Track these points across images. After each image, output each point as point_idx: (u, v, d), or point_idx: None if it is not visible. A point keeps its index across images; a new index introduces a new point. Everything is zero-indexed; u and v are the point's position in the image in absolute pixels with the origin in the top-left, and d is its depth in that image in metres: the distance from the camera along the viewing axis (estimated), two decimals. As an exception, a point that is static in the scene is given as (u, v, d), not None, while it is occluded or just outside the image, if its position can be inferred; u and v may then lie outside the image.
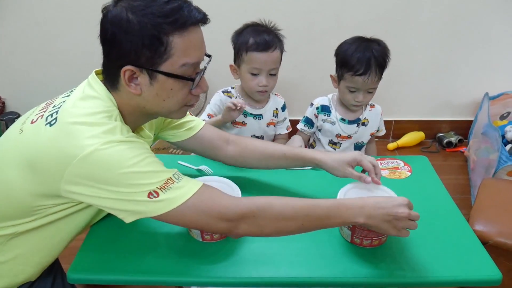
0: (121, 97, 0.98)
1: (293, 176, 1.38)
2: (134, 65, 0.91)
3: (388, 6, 2.45)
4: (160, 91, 0.96)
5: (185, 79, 0.96)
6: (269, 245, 1.09)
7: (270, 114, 1.64)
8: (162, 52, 0.91)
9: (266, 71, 1.48)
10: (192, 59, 0.95)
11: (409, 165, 1.43)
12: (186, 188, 0.92)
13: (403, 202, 0.97)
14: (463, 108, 2.85)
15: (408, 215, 0.95)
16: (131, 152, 0.90)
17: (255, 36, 1.45)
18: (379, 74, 1.50)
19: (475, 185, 2.30)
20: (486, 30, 2.54)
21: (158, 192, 0.89)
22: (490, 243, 1.41)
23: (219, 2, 2.43)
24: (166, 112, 1.03)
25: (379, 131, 1.73)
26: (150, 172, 0.90)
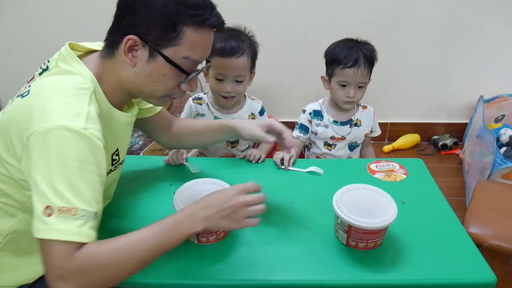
0: (114, 65, 0.98)
1: (289, 179, 1.38)
2: (140, 38, 0.92)
3: (383, 9, 2.46)
4: (154, 72, 0.96)
5: (181, 70, 0.97)
6: (264, 248, 1.09)
7: (244, 118, 1.61)
8: (171, 37, 0.92)
9: (231, 78, 1.46)
10: (195, 56, 0.97)
11: (405, 168, 1.43)
12: (79, 230, 0.81)
13: (235, 191, 0.93)
14: (458, 110, 2.87)
15: (243, 203, 0.92)
16: (75, 154, 0.83)
17: (222, 41, 1.42)
18: (368, 68, 1.53)
19: (470, 188, 2.31)
20: (481, 33, 2.56)
21: (53, 212, 0.80)
22: (484, 245, 1.41)
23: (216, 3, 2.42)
24: (148, 95, 1.03)
25: (373, 132, 1.74)
26: (71, 186, 0.82)
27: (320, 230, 1.14)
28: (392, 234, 1.12)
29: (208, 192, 1.12)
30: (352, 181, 1.17)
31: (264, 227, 1.16)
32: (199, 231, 0.91)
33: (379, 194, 1.12)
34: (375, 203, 1.10)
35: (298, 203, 1.26)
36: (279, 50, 2.53)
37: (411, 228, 1.15)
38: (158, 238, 0.88)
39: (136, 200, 1.26)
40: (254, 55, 1.49)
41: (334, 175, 1.41)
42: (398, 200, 1.16)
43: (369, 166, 1.44)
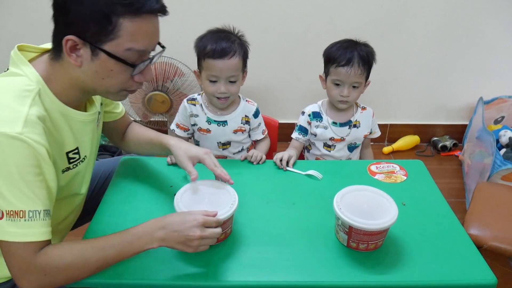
0: (62, 67, 0.96)
1: (289, 180, 1.39)
2: (79, 37, 0.90)
3: (383, 10, 2.47)
4: (100, 69, 0.94)
5: (126, 63, 0.95)
6: (265, 249, 1.09)
7: (237, 120, 1.60)
8: (108, 31, 0.89)
9: (224, 79, 1.45)
10: (139, 46, 0.94)
11: (405, 169, 1.43)
12: (29, 231, 0.87)
13: (196, 223, 0.96)
14: (458, 112, 2.87)
15: (199, 237, 0.95)
16: (13, 159, 0.85)
17: (212, 43, 1.42)
18: (363, 67, 1.52)
19: (470, 189, 2.31)
20: (481, 35, 2.56)
21: (3, 216, 0.85)
22: (485, 247, 1.41)
23: (213, 5, 2.43)
24: (104, 91, 1.02)
25: (373, 133, 1.74)
26: (15, 190, 0.86)
27: (320, 232, 1.14)
28: (393, 235, 1.12)
29: (208, 193, 1.14)
30: (353, 183, 1.17)
31: (265, 228, 1.16)
32: (155, 247, 0.97)
33: (379, 196, 1.12)
34: (376, 205, 1.10)
35: (299, 204, 1.26)
36: (278, 51, 2.53)
37: (411, 229, 1.15)
38: (115, 250, 0.96)
39: (137, 202, 1.26)
40: (245, 54, 1.49)
41: (334, 176, 1.41)
42: (399, 201, 1.16)
43: (369, 168, 1.44)
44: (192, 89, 2.44)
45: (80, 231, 1.45)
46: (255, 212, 1.22)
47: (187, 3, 2.43)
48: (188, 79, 2.42)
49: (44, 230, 0.90)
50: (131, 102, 2.48)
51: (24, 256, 0.88)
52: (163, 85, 2.41)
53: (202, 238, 0.96)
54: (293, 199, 1.28)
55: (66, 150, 1.05)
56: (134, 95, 2.43)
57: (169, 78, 2.40)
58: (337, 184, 1.20)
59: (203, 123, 1.59)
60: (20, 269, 0.89)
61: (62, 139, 1.02)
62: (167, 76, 2.39)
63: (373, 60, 1.57)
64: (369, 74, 1.58)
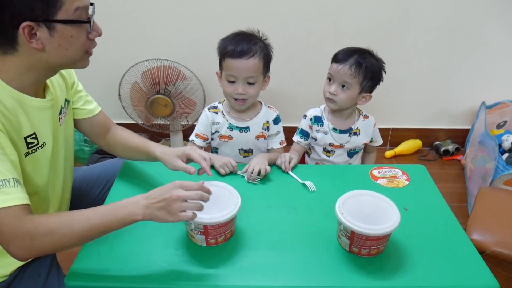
0: (19, 58, 1.00)
1: (292, 184, 1.39)
2: (31, 20, 0.94)
3: (385, 15, 2.47)
4: (62, 40, 0.99)
5: (82, 22, 1.01)
6: (267, 253, 1.09)
7: (259, 126, 1.60)
8: (54, 2, 0.94)
9: (242, 79, 1.45)
10: (82, 2, 0.99)
11: (407, 174, 1.43)
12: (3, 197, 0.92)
13: (173, 186, 1.00)
14: (460, 116, 2.87)
15: (178, 197, 0.97)
16: None
17: (233, 44, 1.43)
18: (355, 71, 1.51)
19: (472, 194, 2.30)
20: (483, 39, 2.56)
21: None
22: (487, 252, 1.41)
23: (219, 9, 2.44)
24: (71, 62, 1.07)
25: (373, 142, 1.74)
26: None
27: (322, 236, 1.14)
28: (395, 240, 1.12)
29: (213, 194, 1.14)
30: (355, 187, 1.17)
31: (267, 232, 1.16)
32: (140, 219, 0.99)
33: (381, 201, 1.13)
34: (378, 210, 1.10)
35: (301, 208, 1.26)
36: (281, 55, 2.52)
37: (413, 234, 1.15)
38: (101, 218, 0.98)
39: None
40: (266, 57, 1.48)
41: (336, 180, 1.41)
42: (401, 206, 1.16)
43: (371, 172, 1.44)
44: (194, 92, 2.45)
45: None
46: (257, 216, 1.22)
47: (189, 8, 2.43)
48: (190, 82, 2.43)
49: (18, 195, 0.94)
50: (134, 106, 2.49)
51: (9, 223, 0.93)
52: (165, 89, 2.41)
53: (181, 199, 0.98)
54: (295, 204, 1.28)
55: (23, 134, 1.08)
56: (137, 98, 2.43)
57: (171, 81, 2.40)
58: (339, 189, 1.20)
59: (225, 129, 1.58)
60: (5, 235, 0.93)
61: (19, 124, 1.05)
62: (170, 79, 2.39)
63: (372, 73, 1.54)
64: (368, 86, 1.56)
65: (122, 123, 2.72)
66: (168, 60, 2.37)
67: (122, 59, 2.41)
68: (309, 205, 1.28)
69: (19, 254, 0.96)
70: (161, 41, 2.53)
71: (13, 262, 1.13)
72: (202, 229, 1.06)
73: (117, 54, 2.51)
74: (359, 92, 1.56)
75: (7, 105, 1.01)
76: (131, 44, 2.52)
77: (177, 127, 2.59)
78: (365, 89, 1.57)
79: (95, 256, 1.07)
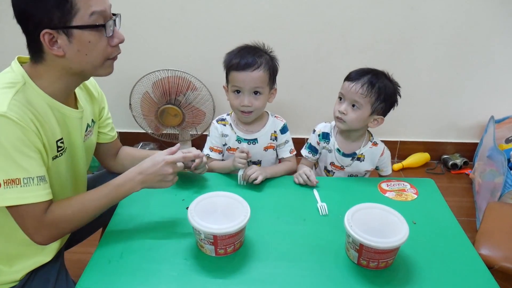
0: (48, 66, 1.07)
1: (301, 196, 1.40)
2: (50, 28, 1.00)
3: (394, 28, 2.49)
4: (80, 46, 1.04)
5: (96, 26, 1.04)
6: (276, 265, 1.09)
7: (267, 137, 1.60)
8: (69, 9, 0.99)
9: (248, 90, 1.47)
10: (97, 7, 1.03)
11: (416, 188, 1.44)
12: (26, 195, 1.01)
13: (165, 162, 1.16)
14: (469, 130, 2.87)
15: (172, 173, 1.17)
16: (3, 134, 0.97)
17: (238, 57, 1.45)
18: (367, 91, 1.45)
19: (481, 208, 2.29)
20: (492, 54, 2.57)
21: (0, 185, 0.98)
22: (496, 267, 1.40)
23: (229, 22, 2.47)
24: (91, 68, 1.11)
25: (380, 170, 1.66)
26: (8, 161, 0.98)
27: (331, 248, 1.15)
28: (403, 254, 1.12)
29: (223, 204, 1.16)
30: (363, 200, 1.18)
31: (276, 244, 1.17)
32: (138, 190, 1.16)
33: (390, 214, 1.13)
34: (387, 223, 1.10)
35: (310, 220, 1.27)
36: (290, 67, 2.56)
37: (422, 248, 1.15)
38: (107, 198, 1.14)
39: (149, 215, 1.28)
40: (272, 69, 1.49)
41: (345, 193, 1.42)
42: (409, 219, 1.16)
43: (380, 185, 1.45)
44: (204, 103, 2.47)
45: (91, 241, 1.47)
46: (265, 227, 1.23)
47: (200, 20, 2.47)
48: (200, 93, 2.45)
49: (40, 193, 1.03)
50: (144, 115, 2.51)
51: (31, 218, 1.04)
52: (175, 99, 2.44)
53: (174, 173, 1.18)
54: (304, 215, 1.29)
55: (56, 138, 1.13)
56: (148, 108, 2.46)
57: (181, 92, 2.43)
58: (347, 201, 1.21)
59: (233, 142, 1.59)
60: (32, 228, 1.06)
61: (51, 128, 1.11)
62: (180, 90, 2.42)
63: (385, 95, 1.48)
64: (380, 108, 1.50)
65: (132, 132, 2.77)
66: (179, 70, 2.40)
67: (134, 69, 2.44)
68: (318, 217, 1.29)
69: (44, 242, 1.10)
70: (172, 52, 2.57)
71: (23, 269, 1.17)
72: (211, 239, 1.07)
73: (129, 65, 2.53)
74: (370, 113, 1.50)
75: (40, 110, 1.07)
76: (142, 55, 2.55)
77: (186, 137, 2.62)
78: (377, 111, 1.50)
79: (106, 264, 1.08)
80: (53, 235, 1.10)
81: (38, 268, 1.20)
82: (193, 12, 2.45)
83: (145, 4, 2.42)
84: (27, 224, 1.05)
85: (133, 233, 1.20)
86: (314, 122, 1.75)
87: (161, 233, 1.20)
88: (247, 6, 2.43)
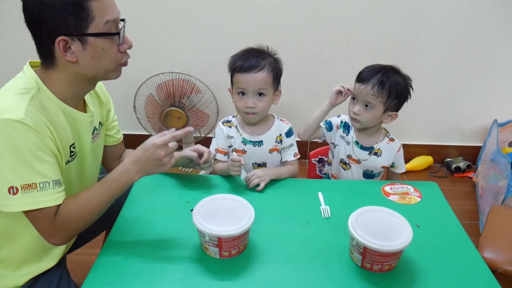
0: (60, 71, 1.09)
1: (305, 199, 1.40)
2: (65, 35, 1.02)
3: (397, 31, 2.50)
4: (94, 52, 1.07)
5: (111, 34, 1.08)
6: (279, 267, 1.10)
7: (272, 140, 1.61)
8: (85, 16, 1.02)
9: (252, 92, 1.48)
10: (111, 16, 1.06)
11: (419, 191, 1.44)
12: (42, 199, 1.03)
13: (156, 146, 1.12)
14: (472, 133, 2.87)
15: (165, 155, 1.13)
16: (19, 140, 0.98)
17: (242, 59, 1.47)
18: (378, 91, 1.47)
19: (484, 212, 2.29)
20: (495, 57, 2.57)
21: (18, 190, 1.00)
22: (499, 271, 1.40)
23: (233, 25, 2.48)
24: (103, 73, 1.14)
25: (395, 168, 1.68)
26: (25, 166, 1.00)
27: (335, 251, 1.15)
28: (407, 257, 1.13)
29: (227, 207, 1.17)
30: (367, 203, 1.18)
31: (280, 247, 1.17)
32: (138, 179, 1.15)
33: (394, 217, 1.13)
34: (391, 226, 1.11)
35: (314, 223, 1.27)
36: (294, 70, 2.56)
37: (425, 251, 1.16)
38: (107, 194, 1.14)
39: (154, 217, 1.28)
40: (275, 71, 1.50)
41: (349, 196, 1.42)
42: (413, 223, 1.16)
43: (383, 188, 1.45)
44: (208, 105, 2.48)
45: (95, 243, 1.48)
46: (270, 229, 1.24)
47: (204, 23, 2.48)
48: (204, 95, 2.46)
49: (54, 196, 1.05)
50: (148, 117, 2.52)
51: (46, 220, 1.06)
52: (179, 101, 2.45)
53: (168, 154, 1.14)
54: (308, 218, 1.29)
55: (69, 143, 1.16)
56: (152, 110, 2.47)
57: (185, 94, 2.44)
58: (351, 204, 1.22)
59: (239, 144, 1.60)
60: (46, 231, 1.08)
61: (65, 133, 1.14)
62: (184, 92, 2.43)
63: (397, 92, 1.50)
64: (393, 104, 1.53)
65: (136, 134, 2.78)
66: (183, 73, 2.41)
67: (138, 72, 2.45)
68: (322, 220, 1.29)
69: (60, 242, 1.12)
70: (176, 54, 2.58)
71: (27, 274, 1.19)
72: (216, 241, 1.08)
73: (133, 67, 2.51)
74: (383, 111, 1.53)
75: (53, 116, 1.09)
76: (147, 58, 2.56)
77: (190, 139, 2.62)
78: (390, 108, 1.53)
79: (111, 266, 1.09)
80: (65, 235, 1.11)
81: (40, 275, 1.21)
82: (198, 16, 2.46)
83: (150, 7, 2.44)
84: (42, 227, 1.07)
85: (138, 235, 1.21)
86: (317, 125, 1.76)
87: (165, 235, 1.20)
88: (251, 10, 2.44)
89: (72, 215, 1.09)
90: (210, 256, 1.12)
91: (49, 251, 1.22)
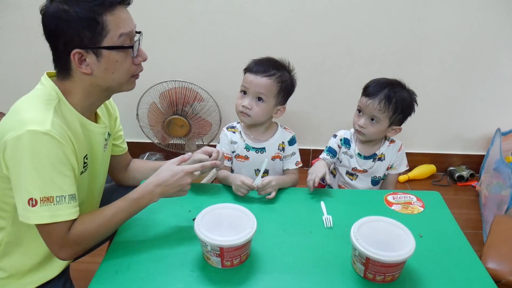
0: (75, 83, 1.12)
1: (307, 208, 1.40)
2: (80, 48, 1.04)
3: (400, 40, 2.50)
4: (108, 65, 1.09)
5: (125, 47, 1.10)
6: (281, 277, 1.09)
7: (274, 147, 1.62)
8: (100, 30, 1.04)
9: (252, 93, 1.48)
10: (125, 29, 1.09)
11: (422, 201, 1.44)
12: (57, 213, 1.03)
13: (183, 173, 1.19)
14: (475, 142, 2.86)
15: (190, 183, 1.21)
16: (44, 152, 1.00)
17: (258, 63, 1.49)
18: (385, 106, 1.51)
19: (487, 221, 2.28)
20: (498, 66, 2.57)
21: (37, 203, 1.01)
22: (503, 282, 1.39)
23: (236, 33, 2.49)
24: (117, 85, 1.16)
25: (393, 169, 1.70)
26: (46, 179, 1.01)
27: (337, 262, 1.15)
28: (410, 267, 1.12)
29: (229, 216, 1.16)
30: (369, 213, 1.18)
31: (282, 256, 1.17)
32: (157, 201, 1.19)
33: (396, 227, 1.13)
34: (393, 236, 1.10)
35: (316, 232, 1.27)
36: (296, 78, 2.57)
37: (428, 262, 1.15)
38: (126, 212, 1.16)
39: (156, 226, 1.28)
40: (284, 85, 1.50)
41: (351, 206, 1.42)
42: (416, 233, 1.16)
43: (386, 198, 1.45)
44: (210, 114, 2.49)
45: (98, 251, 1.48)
46: (272, 239, 1.23)
47: (207, 31, 2.49)
48: (207, 104, 2.47)
49: (69, 211, 1.06)
50: (151, 126, 2.53)
51: (59, 234, 1.06)
52: (182, 110, 2.46)
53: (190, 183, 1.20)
54: (310, 228, 1.29)
55: (83, 154, 1.17)
56: (155, 118, 2.48)
57: (188, 102, 2.45)
58: (353, 214, 1.21)
59: (242, 149, 1.60)
60: (57, 245, 1.08)
61: (81, 144, 1.15)
62: (187, 100, 2.44)
63: (402, 107, 1.54)
64: (398, 119, 1.57)
65: (138, 142, 2.79)
66: (186, 82, 2.42)
67: (141, 80, 2.42)
68: (324, 229, 1.29)
69: (67, 258, 1.11)
70: (179, 63, 2.59)
71: (30, 283, 1.19)
72: (218, 251, 1.07)
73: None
74: (388, 125, 1.58)
75: (72, 128, 1.11)
76: (150, 66, 2.55)
77: (193, 147, 2.63)
78: (395, 122, 1.58)
79: (113, 275, 1.09)
80: (75, 251, 1.11)
81: (43, 285, 1.21)
82: (200, 24, 2.48)
83: (153, 16, 2.45)
84: (53, 241, 1.07)
85: (140, 244, 1.20)
86: (319, 133, 1.77)
87: (167, 244, 1.20)
88: (254, 19, 2.45)
89: (88, 230, 1.10)
90: (212, 265, 1.12)
91: (54, 260, 1.22)
